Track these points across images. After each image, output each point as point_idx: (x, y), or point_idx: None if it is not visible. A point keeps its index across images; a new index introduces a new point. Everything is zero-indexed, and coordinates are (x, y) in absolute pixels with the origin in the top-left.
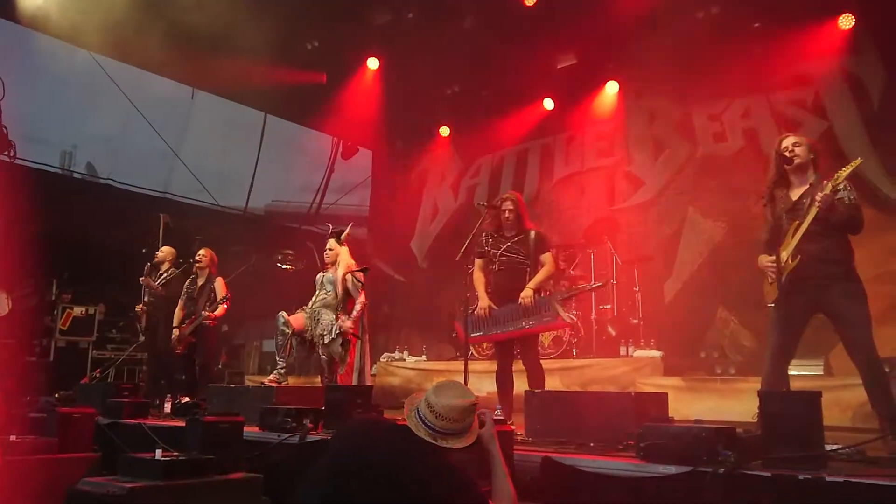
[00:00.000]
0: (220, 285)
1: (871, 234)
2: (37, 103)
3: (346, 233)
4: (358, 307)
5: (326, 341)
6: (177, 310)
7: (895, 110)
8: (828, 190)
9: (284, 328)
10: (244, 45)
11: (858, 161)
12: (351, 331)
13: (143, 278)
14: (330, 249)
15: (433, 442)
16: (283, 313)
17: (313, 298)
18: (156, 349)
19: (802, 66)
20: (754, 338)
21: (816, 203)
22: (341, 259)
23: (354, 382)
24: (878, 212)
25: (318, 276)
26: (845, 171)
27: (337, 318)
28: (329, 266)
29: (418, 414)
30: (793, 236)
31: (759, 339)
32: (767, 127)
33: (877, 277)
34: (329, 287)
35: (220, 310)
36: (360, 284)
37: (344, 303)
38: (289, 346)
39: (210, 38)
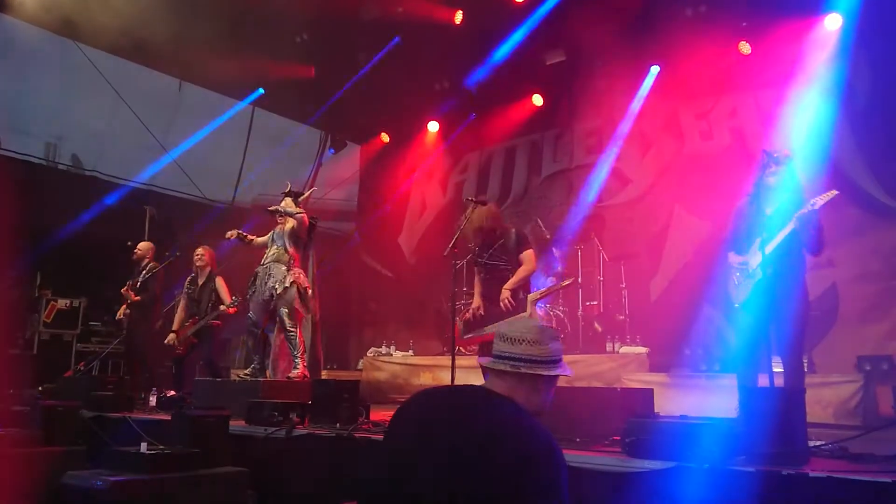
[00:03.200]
0: (220, 285)
1: (855, 234)
2: (22, 94)
3: (305, 196)
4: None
5: (279, 290)
6: (178, 310)
7: (881, 112)
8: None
9: (253, 328)
10: (233, 37)
11: (834, 193)
12: (304, 284)
13: (124, 290)
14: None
15: (516, 371)
16: (251, 313)
17: (264, 256)
18: (140, 343)
19: (789, 65)
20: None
21: (795, 221)
22: (296, 217)
23: (298, 369)
24: (862, 212)
25: (270, 234)
26: (822, 200)
27: (289, 270)
28: (281, 222)
29: (496, 353)
30: (761, 248)
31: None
32: (754, 125)
33: (860, 277)
34: (280, 242)
35: (231, 310)
36: (312, 228)
37: (298, 253)
38: (262, 343)
39: (198, 30)
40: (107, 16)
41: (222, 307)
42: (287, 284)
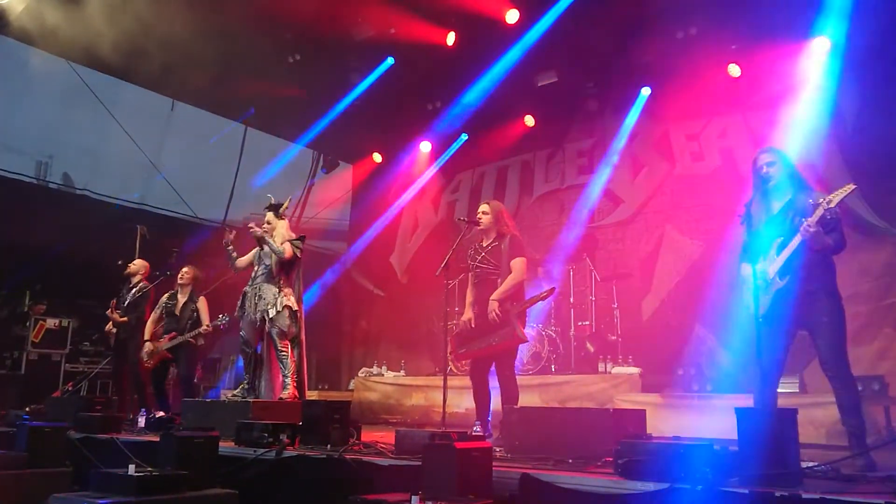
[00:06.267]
0: (203, 306)
1: (845, 254)
2: (13, 112)
3: (284, 206)
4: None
5: (272, 314)
6: (149, 322)
7: (869, 133)
8: (817, 214)
9: (245, 347)
10: (225, 56)
11: (852, 186)
12: (294, 307)
13: (109, 311)
14: (268, 223)
15: None
16: (243, 332)
17: (252, 275)
18: (127, 363)
19: (779, 88)
20: (731, 355)
21: (803, 232)
22: (278, 232)
23: (289, 390)
24: (851, 232)
25: (254, 251)
26: (838, 197)
27: (280, 292)
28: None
29: None
30: (778, 252)
31: (736, 356)
32: (744, 146)
33: (850, 297)
34: (267, 261)
35: (209, 330)
36: (298, 250)
37: (287, 274)
38: (255, 362)
39: (190, 49)
40: (99, 35)
41: (202, 328)
42: (279, 308)
